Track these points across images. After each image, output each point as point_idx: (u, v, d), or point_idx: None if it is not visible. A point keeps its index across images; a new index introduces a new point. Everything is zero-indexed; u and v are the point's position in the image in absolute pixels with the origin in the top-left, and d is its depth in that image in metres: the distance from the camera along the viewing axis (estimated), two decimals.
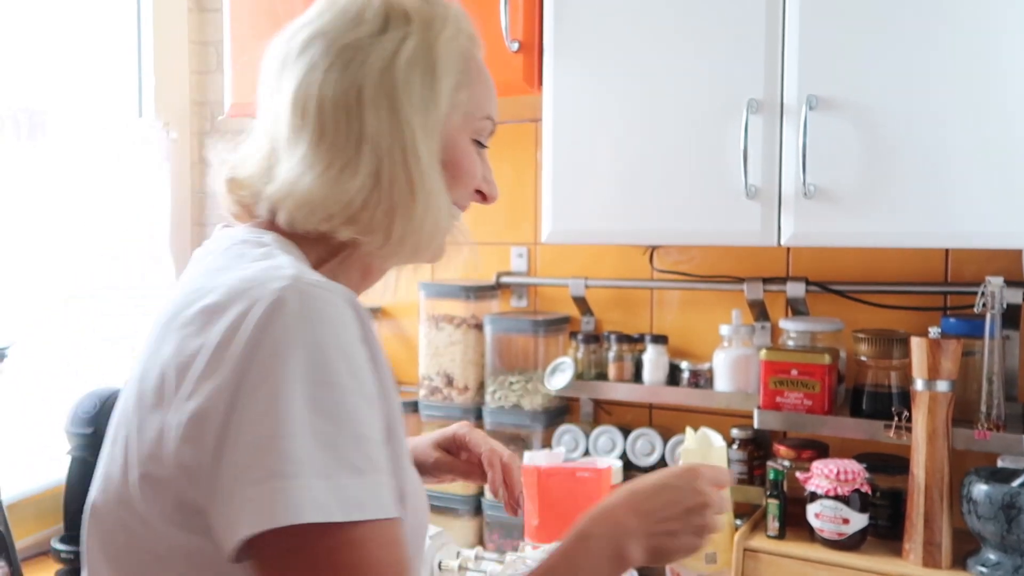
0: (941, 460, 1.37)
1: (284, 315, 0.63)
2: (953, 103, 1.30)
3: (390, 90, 0.76)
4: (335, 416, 0.63)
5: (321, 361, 0.63)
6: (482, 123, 0.85)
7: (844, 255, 1.68)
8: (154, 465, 0.67)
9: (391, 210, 0.76)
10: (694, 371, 1.74)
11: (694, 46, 1.47)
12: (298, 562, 0.61)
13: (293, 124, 0.76)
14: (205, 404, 0.63)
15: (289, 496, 0.59)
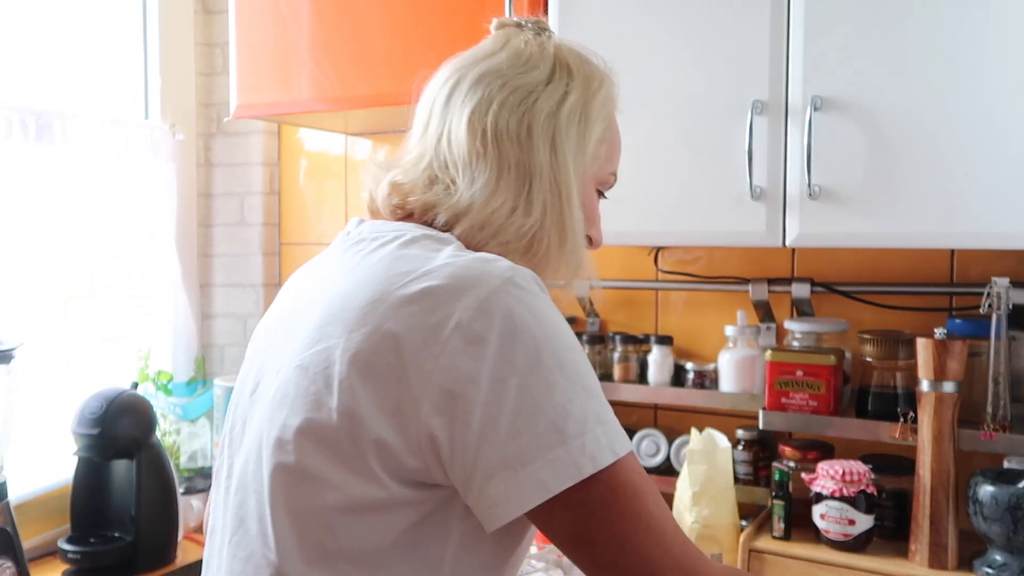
0: (947, 461, 1.37)
1: (521, 295, 0.72)
2: (958, 103, 1.30)
3: (553, 133, 0.85)
4: (586, 373, 0.73)
5: (563, 332, 0.73)
6: (608, 176, 0.96)
7: (849, 256, 1.68)
8: (389, 432, 0.71)
9: (550, 245, 0.85)
10: (699, 372, 1.74)
11: (699, 46, 1.47)
12: (608, 501, 0.70)
13: (472, 148, 0.84)
14: (462, 382, 0.69)
15: (587, 448, 0.68)
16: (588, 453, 0.68)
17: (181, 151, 2.22)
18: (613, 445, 0.70)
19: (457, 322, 0.70)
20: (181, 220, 2.23)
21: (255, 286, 2.31)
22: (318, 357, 0.74)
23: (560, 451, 0.68)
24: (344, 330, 0.73)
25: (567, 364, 0.71)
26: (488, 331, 0.70)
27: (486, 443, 0.69)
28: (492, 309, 0.70)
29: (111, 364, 2.06)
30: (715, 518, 1.53)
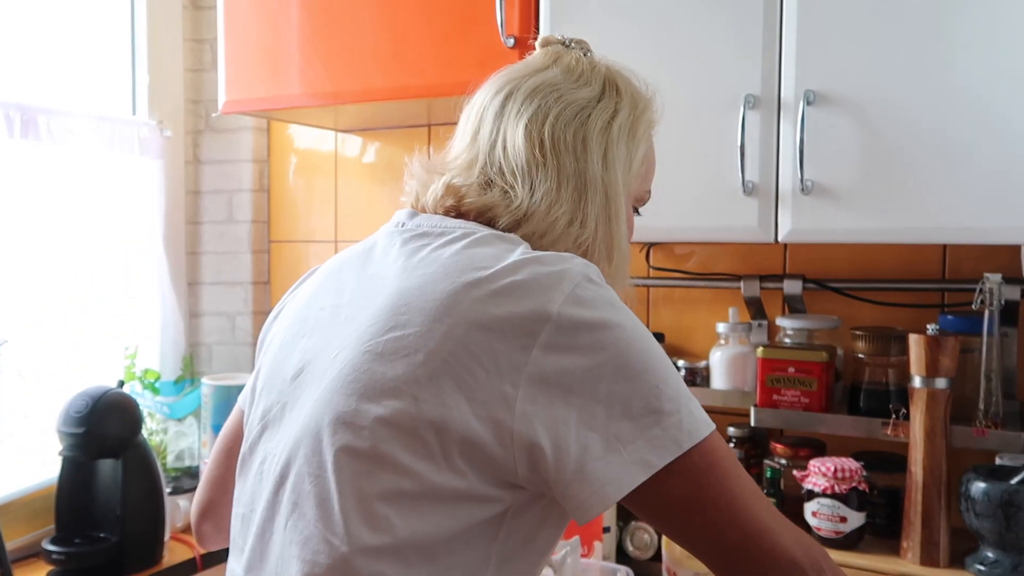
0: (939, 458, 1.36)
1: (600, 289, 0.75)
2: (951, 98, 1.29)
3: (605, 147, 0.88)
4: (665, 355, 0.76)
5: (638, 321, 0.76)
6: (644, 194, 1.01)
7: (841, 252, 1.67)
8: (475, 425, 0.72)
9: (600, 259, 0.87)
10: (691, 369, 1.73)
11: (691, 41, 1.46)
12: (710, 466, 0.73)
13: (531, 156, 0.86)
14: (556, 372, 0.71)
15: (684, 424, 0.72)
16: (685, 428, 0.72)
17: (169, 148, 2.20)
18: (706, 418, 0.75)
19: (547, 314, 0.72)
20: (169, 217, 2.20)
21: (244, 284, 2.29)
22: (396, 344, 0.74)
23: (658, 430, 0.71)
24: (425, 319, 0.74)
25: (652, 348, 0.74)
26: (578, 322, 0.72)
27: (585, 430, 0.71)
28: (579, 301, 0.73)
29: (97, 362, 2.04)
30: None
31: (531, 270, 0.75)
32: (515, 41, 1.59)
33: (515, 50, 1.59)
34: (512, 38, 1.59)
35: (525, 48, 1.60)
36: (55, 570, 1.66)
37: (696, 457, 0.72)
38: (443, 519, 0.74)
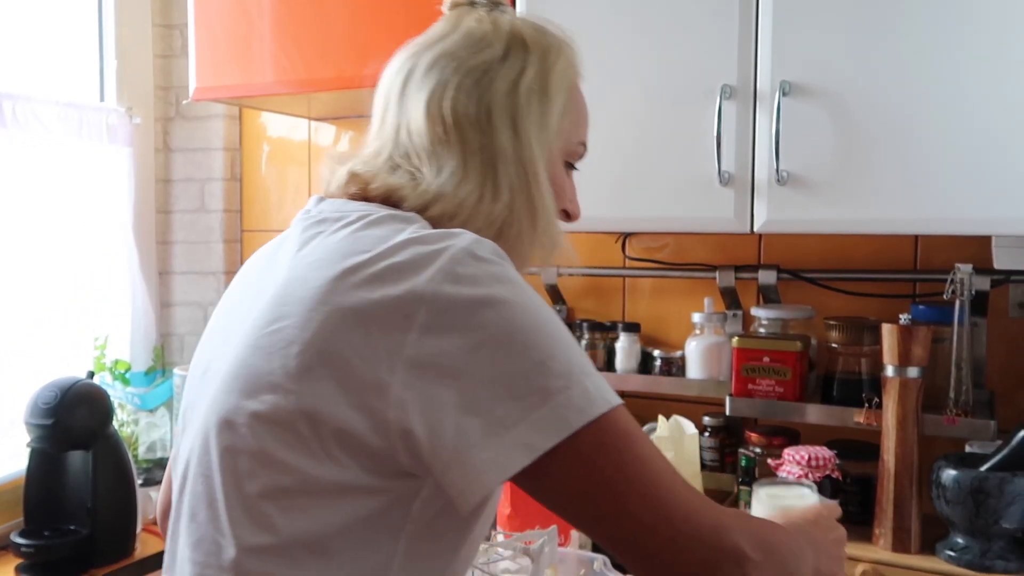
0: (911, 446, 1.38)
1: (485, 263, 0.70)
2: (925, 90, 1.30)
3: (513, 112, 0.83)
4: (563, 328, 0.71)
5: (529, 292, 0.71)
6: (577, 147, 0.92)
7: (815, 243, 1.69)
8: (351, 415, 0.69)
9: (522, 228, 0.83)
10: (666, 359, 1.74)
11: (667, 31, 1.46)
12: (604, 449, 0.68)
13: (433, 136, 0.82)
14: (432, 355, 0.67)
15: (573, 401, 0.67)
16: (575, 406, 0.67)
17: (139, 135, 2.16)
18: (605, 395, 0.68)
19: (422, 295, 0.68)
20: (139, 206, 2.17)
21: (216, 274, 2.26)
22: (274, 337, 0.71)
23: (544, 410, 0.66)
24: (303, 309, 0.71)
25: (540, 323, 0.69)
26: (454, 301, 0.68)
27: (464, 415, 0.66)
28: (457, 278, 0.68)
29: (66, 353, 2.01)
30: None
31: (411, 250, 0.71)
32: None
33: None
34: None
35: None
36: (24, 563, 1.63)
37: (589, 436, 0.67)
38: (329, 514, 0.71)
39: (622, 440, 0.69)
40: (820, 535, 0.86)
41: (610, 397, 0.69)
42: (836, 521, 0.92)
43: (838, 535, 0.90)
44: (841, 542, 0.90)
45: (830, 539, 0.88)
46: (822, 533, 0.87)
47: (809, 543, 0.82)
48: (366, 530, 0.72)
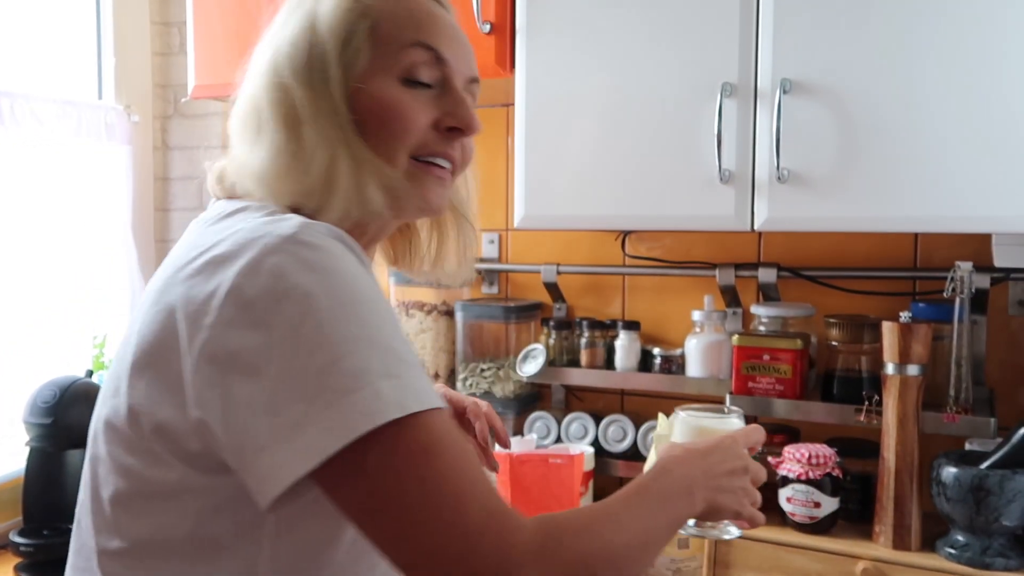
0: (911, 444, 1.38)
1: (298, 256, 0.65)
2: (926, 88, 1.30)
3: (291, 58, 0.78)
4: (379, 323, 0.66)
5: (346, 282, 0.66)
6: (404, 56, 0.78)
7: (815, 241, 1.69)
8: (169, 412, 0.67)
9: (344, 181, 0.76)
10: (666, 357, 1.73)
11: (668, 29, 1.46)
12: (392, 460, 0.63)
13: (238, 108, 0.82)
14: (229, 351, 0.64)
15: (362, 405, 0.62)
16: (364, 410, 0.62)
17: (137, 133, 2.16)
18: (402, 399, 0.63)
19: (228, 288, 0.65)
20: (137, 204, 2.17)
21: None
22: (127, 344, 0.73)
23: (333, 411, 0.61)
24: (140, 314, 0.72)
25: (346, 317, 0.64)
26: (257, 295, 0.64)
27: (255, 415, 0.63)
28: (263, 270, 0.65)
29: (64, 352, 2.00)
30: None
31: (231, 240, 0.68)
32: (491, 28, 1.58)
33: (491, 36, 1.58)
34: (488, 24, 1.58)
35: (502, 35, 1.59)
36: (23, 562, 1.62)
37: (376, 444, 0.62)
38: (171, 517, 0.69)
39: (415, 452, 0.63)
40: (712, 463, 0.82)
41: (409, 402, 0.63)
42: (744, 450, 0.87)
43: (735, 466, 0.84)
44: (736, 472, 0.84)
45: (724, 468, 0.83)
46: (716, 461, 0.83)
47: (692, 475, 0.80)
48: (217, 533, 0.69)
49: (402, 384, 0.64)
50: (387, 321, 0.68)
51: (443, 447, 0.65)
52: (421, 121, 0.79)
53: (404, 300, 1.94)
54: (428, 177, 0.81)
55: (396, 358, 0.65)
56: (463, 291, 1.97)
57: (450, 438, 0.66)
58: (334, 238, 0.69)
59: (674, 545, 1.52)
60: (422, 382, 0.66)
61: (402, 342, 0.68)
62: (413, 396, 0.64)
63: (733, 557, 1.46)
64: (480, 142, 2.14)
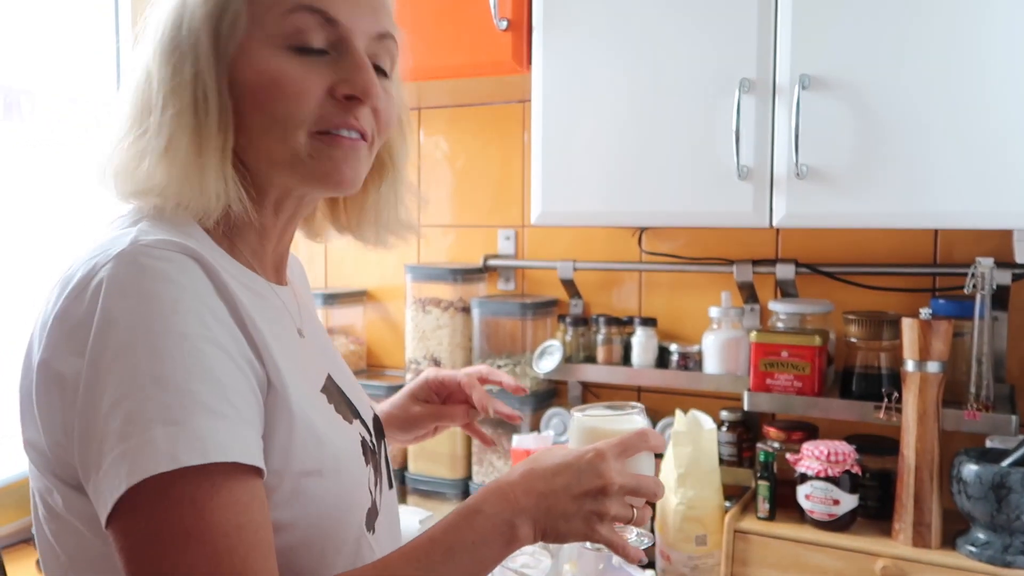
0: (931, 441, 1.37)
1: (117, 278, 0.62)
2: (945, 83, 1.29)
3: (164, 33, 0.72)
4: (185, 364, 0.60)
5: (161, 314, 0.61)
6: (287, 22, 0.71)
7: (833, 237, 1.68)
8: (30, 434, 0.67)
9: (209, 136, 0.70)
10: (683, 353, 1.73)
11: (686, 24, 1.45)
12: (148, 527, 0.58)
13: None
14: (48, 380, 0.63)
15: (130, 455, 0.58)
16: (130, 461, 0.57)
17: None
18: (176, 451, 0.58)
19: (56, 312, 0.64)
20: None
21: None
22: None
23: (112, 456, 0.58)
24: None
25: (147, 351, 0.60)
26: (76, 322, 0.62)
27: (71, 449, 0.62)
28: (85, 294, 0.62)
29: None
30: (700, 500, 1.52)
31: (76, 260, 0.67)
32: (508, 24, 1.57)
33: (508, 33, 1.58)
34: (505, 20, 1.57)
35: (518, 31, 1.59)
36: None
37: (143, 505, 0.58)
38: (85, 538, 0.67)
39: (172, 514, 0.58)
40: (555, 486, 0.74)
41: (185, 454, 0.58)
42: (607, 466, 0.76)
43: (587, 487, 0.75)
44: (589, 494, 0.75)
45: (571, 491, 0.74)
46: (561, 485, 0.74)
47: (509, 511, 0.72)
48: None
49: (184, 432, 0.59)
50: (214, 355, 0.62)
51: (214, 507, 0.59)
52: (313, 92, 0.71)
53: (421, 296, 1.94)
54: (335, 151, 0.73)
55: (186, 400, 0.59)
56: (479, 287, 1.97)
57: (230, 499, 0.60)
58: (179, 253, 0.64)
59: (691, 542, 1.52)
60: (213, 431, 0.60)
61: (226, 383, 0.62)
62: (194, 446, 0.59)
63: (751, 554, 1.46)
64: (496, 138, 2.16)
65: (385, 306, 2.15)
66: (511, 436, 1.80)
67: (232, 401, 0.62)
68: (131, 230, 0.67)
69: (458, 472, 1.90)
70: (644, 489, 0.78)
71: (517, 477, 0.75)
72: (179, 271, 0.64)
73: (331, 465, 0.72)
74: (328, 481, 0.72)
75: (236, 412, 0.62)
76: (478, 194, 2.02)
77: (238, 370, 0.64)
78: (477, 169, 2.01)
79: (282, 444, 0.68)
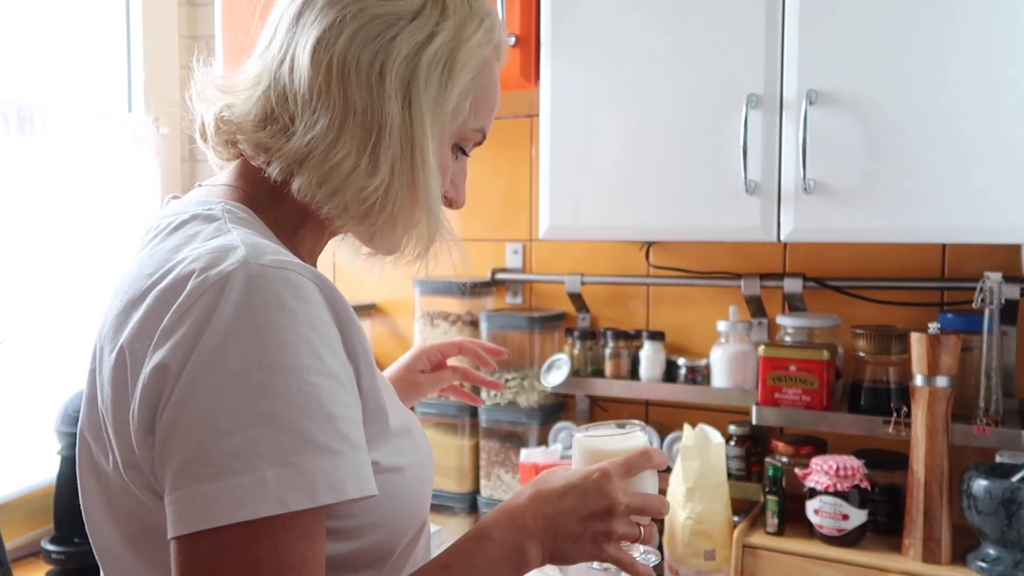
0: (941, 456, 1.37)
1: (229, 301, 0.61)
2: (952, 98, 1.30)
3: (409, 79, 0.73)
4: (296, 401, 0.60)
5: (271, 344, 0.60)
6: (473, 134, 0.82)
7: (840, 251, 1.68)
8: (126, 451, 0.66)
9: (397, 211, 0.74)
10: (691, 367, 1.73)
11: (693, 40, 1.46)
12: (242, 544, 0.59)
13: (314, 82, 0.72)
14: (151, 397, 0.62)
15: (237, 491, 0.58)
16: (238, 497, 0.57)
17: (165, 145, 2.19)
18: (286, 495, 0.58)
19: (162, 330, 0.62)
20: None
21: None
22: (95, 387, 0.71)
23: (207, 486, 0.58)
24: (100, 343, 0.70)
25: (258, 385, 0.59)
26: (183, 342, 0.61)
27: (160, 460, 0.62)
28: (192, 316, 0.61)
29: None
30: (708, 514, 1.52)
31: (175, 273, 0.65)
32: (516, 40, 1.59)
33: (516, 49, 1.59)
34: (513, 37, 1.59)
35: (527, 47, 1.60)
36: (54, 570, 1.65)
37: (205, 546, 0.58)
38: None
39: (249, 538, 0.58)
40: (562, 508, 0.75)
41: (295, 500, 0.58)
42: (613, 486, 0.76)
43: (594, 508, 0.75)
44: (596, 515, 0.75)
45: (578, 513, 0.75)
46: (568, 507, 0.75)
47: (519, 536, 0.73)
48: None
49: (294, 475, 0.59)
50: (325, 387, 0.62)
51: (289, 539, 0.60)
52: (447, 183, 0.82)
53: (429, 310, 1.95)
54: None
55: (299, 441, 0.60)
56: (487, 301, 1.98)
57: (304, 532, 0.61)
58: (296, 274, 0.64)
59: (700, 557, 1.52)
60: (323, 470, 0.60)
61: (338, 415, 0.62)
62: (299, 490, 0.59)
63: (760, 569, 1.45)
64: (503, 153, 2.16)
65: (393, 319, 2.16)
66: (519, 450, 1.80)
67: (343, 431, 0.62)
68: (232, 240, 0.66)
69: (466, 486, 1.90)
70: (649, 508, 0.79)
71: (525, 500, 0.76)
72: (293, 296, 0.63)
73: (418, 459, 0.77)
74: (418, 472, 0.76)
75: (347, 443, 0.62)
76: (486, 208, 2.02)
77: (348, 395, 0.65)
78: (485, 183, 2.02)
79: (384, 445, 0.72)
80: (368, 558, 0.72)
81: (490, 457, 1.88)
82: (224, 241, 0.66)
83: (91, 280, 2.04)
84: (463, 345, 1.18)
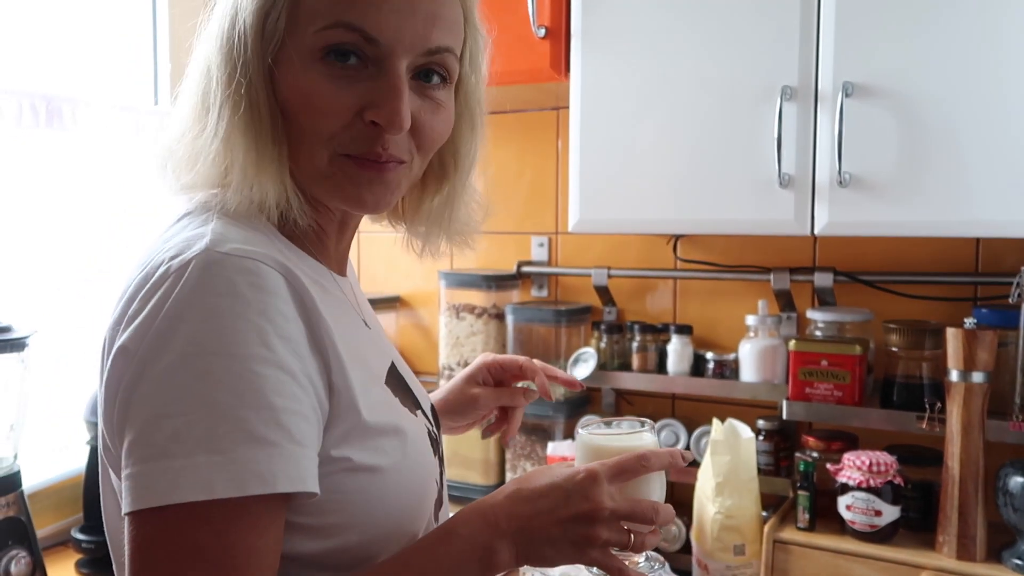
0: (976, 452, 1.36)
1: (184, 287, 0.61)
2: (988, 92, 1.28)
3: (217, 32, 0.72)
4: (236, 389, 0.60)
5: (218, 330, 0.60)
6: (322, 37, 0.67)
7: (871, 244, 1.66)
8: (105, 437, 0.68)
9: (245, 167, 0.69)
10: (719, 362, 1.72)
11: (726, 31, 1.45)
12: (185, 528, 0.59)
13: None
14: (113, 378, 0.63)
15: (180, 475, 0.58)
16: (169, 480, 0.58)
17: None
18: (214, 482, 0.58)
19: (128, 315, 0.63)
20: None
21: None
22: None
23: (152, 466, 0.59)
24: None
25: (201, 370, 0.59)
26: (141, 324, 0.62)
27: (118, 441, 0.62)
28: (152, 300, 0.62)
29: None
30: (738, 509, 1.52)
31: (149, 261, 0.66)
32: (546, 32, 1.58)
33: (546, 41, 1.58)
34: (543, 28, 1.58)
35: (557, 39, 1.59)
36: (84, 558, 1.66)
37: (163, 510, 0.58)
38: None
39: (191, 523, 0.58)
40: (540, 509, 0.70)
41: (222, 487, 0.58)
42: (599, 490, 0.70)
43: (576, 511, 0.70)
44: (579, 518, 0.70)
45: (557, 515, 0.70)
46: (546, 508, 0.70)
47: (488, 535, 0.69)
48: None
49: (224, 463, 0.59)
50: (272, 377, 0.61)
51: (234, 529, 0.60)
52: (340, 112, 0.68)
53: (455, 303, 1.95)
54: (360, 173, 0.71)
55: (235, 429, 0.59)
56: (513, 294, 1.97)
57: (251, 523, 0.60)
58: (258, 262, 0.64)
59: (729, 551, 1.51)
60: (255, 461, 0.59)
61: (261, 408, 0.61)
62: (228, 478, 0.59)
63: (791, 565, 1.45)
64: (530, 145, 2.16)
65: (418, 312, 2.16)
66: (545, 443, 1.80)
67: (284, 424, 0.61)
68: (205, 230, 0.66)
69: (491, 478, 1.90)
70: (640, 514, 0.72)
71: (502, 499, 0.72)
72: (248, 284, 0.62)
73: (406, 462, 0.73)
74: (404, 476, 0.73)
75: (287, 436, 0.61)
76: (512, 201, 2.02)
77: (299, 388, 0.63)
78: (511, 176, 2.02)
79: (359, 442, 0.69)
80: (347, 560, 0.69)
81: (516, 450, 1.88)
82: (198, 231, 0.67)
83: (123, 270, 2.05)
84: (525, 367, 1.05)
